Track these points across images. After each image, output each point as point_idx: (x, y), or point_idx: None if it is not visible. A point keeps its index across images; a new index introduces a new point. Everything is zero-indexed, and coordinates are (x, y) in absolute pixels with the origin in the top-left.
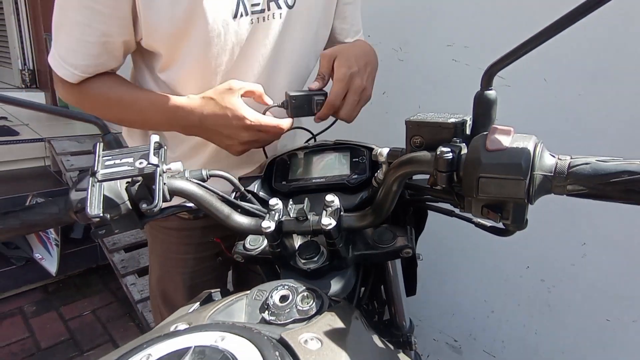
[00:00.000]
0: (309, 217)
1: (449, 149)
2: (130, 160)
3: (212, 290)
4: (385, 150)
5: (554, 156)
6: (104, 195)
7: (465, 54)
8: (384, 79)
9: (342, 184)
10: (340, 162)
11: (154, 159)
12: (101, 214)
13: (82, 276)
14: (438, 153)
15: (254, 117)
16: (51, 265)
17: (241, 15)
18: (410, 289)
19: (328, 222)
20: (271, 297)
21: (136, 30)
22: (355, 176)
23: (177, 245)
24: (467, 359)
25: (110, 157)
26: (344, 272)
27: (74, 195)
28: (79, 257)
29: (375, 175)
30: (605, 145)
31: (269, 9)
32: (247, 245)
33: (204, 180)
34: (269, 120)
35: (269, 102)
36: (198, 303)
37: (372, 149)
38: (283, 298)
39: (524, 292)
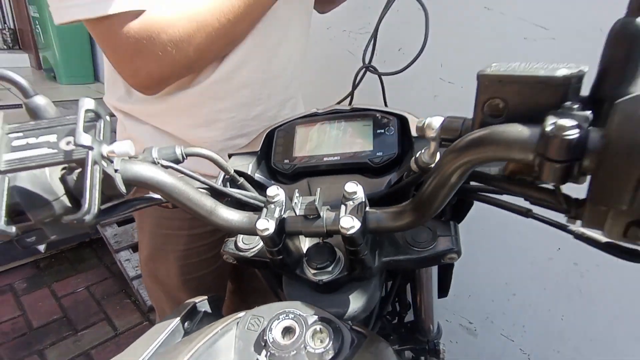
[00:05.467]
0: (322, 214)
1: (575, 123)
2: (53, 138)
3: (197, 300)
4: (436, 121)
5: None
6: (22, 190)
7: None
8: (401, 31)
9: (363, 164)
10: (361, 135)
11: (84, 138)
12: (3, 228)
13: (75, 250)
14: (550, 128)
15: None
16: None
17: None
18: (443, 290)
19: (350, 223)
20: (270, 330)
21: None
22: (381, 153)
23: (168, 220)
24: (483, 342)
25: (22, 135)
26: (367, 283)
27: None
28: None
29: (419, 155)
30: None
31: None
32: (240, 244)
33: (178, 162)
34: None
35: None
36: (178, 319)
37: (403, 117)
38: (287, 331)
39: (553, 276)
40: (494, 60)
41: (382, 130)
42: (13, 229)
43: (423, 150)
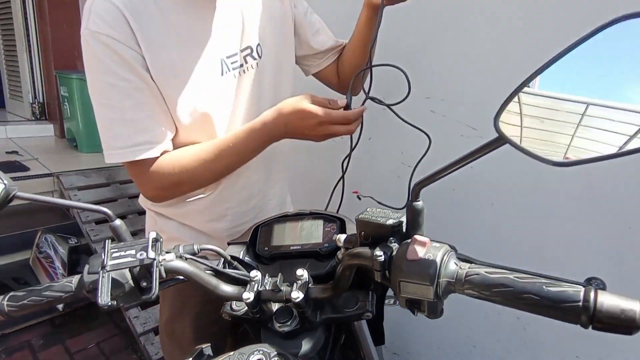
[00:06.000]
0: (282, 289)
1: (382, 253)
2: (133, 252)
3: (203, 346)
4: (342, 237)
5: (457, 264)
6: (111, 278)
7: (443, 106)
8: (369, 125)
9: (316, 252)
10: (315, 231)
11: (151, 253)
12: (109, 303)
13: (87, 309)
14: (373, 255)
15: (323, 112)
16: None
17: (226, 73)
18: (379, 340)
19: (296, 295)
20: None
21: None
22: (327, 245)
23: (186, 290)
24: None
25: (117, 250)
26: (314, 333)
27: (87, 278)
28: None
29: (337, 254)
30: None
31: (246, 63)
32: (234, 307)
33: (195, 254)
34: (337, 113)
35: (340, 102)
36: (191, 359)
37: (343, 220)
38: None
39: (503, 329)
40: (438, 151)
41: (329, 229)
42: (115, 303)
43: (338, 252)
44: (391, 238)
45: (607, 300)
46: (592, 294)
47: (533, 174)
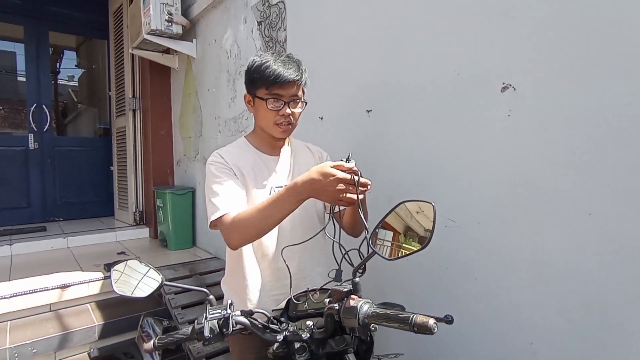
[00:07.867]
0: (299, 332)
1: (338, 305)
2: (219, 310)
3: None
4: (327, 300)
5: (369, 307)
6: (209, 325)
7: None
8: None
9: (322, 311)
10: (322, 299)
11: (229, 311)
12: (210, 336)
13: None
14: (334, 307)
15: (336, 172)
16: None
17: (271, 193)
18: None
19: (305, 335)
20: None
21: None
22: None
23: (246, 343)
24: None
25: (212, 310)
26: None
27: (196, 326)
28: None
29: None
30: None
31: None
32: (274, 349)
33: (252, 314)
34: (343, 174)
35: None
36: None
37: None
38: None
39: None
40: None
41: (330, 298)
42: (212, 337)
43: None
44: (345, 297)
45: (418, 319)
46: (413, 317)
47: (497, 255)
